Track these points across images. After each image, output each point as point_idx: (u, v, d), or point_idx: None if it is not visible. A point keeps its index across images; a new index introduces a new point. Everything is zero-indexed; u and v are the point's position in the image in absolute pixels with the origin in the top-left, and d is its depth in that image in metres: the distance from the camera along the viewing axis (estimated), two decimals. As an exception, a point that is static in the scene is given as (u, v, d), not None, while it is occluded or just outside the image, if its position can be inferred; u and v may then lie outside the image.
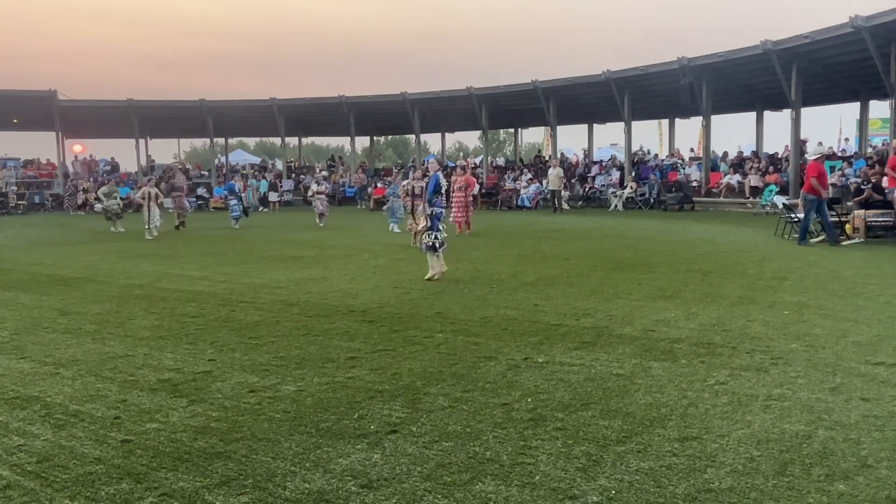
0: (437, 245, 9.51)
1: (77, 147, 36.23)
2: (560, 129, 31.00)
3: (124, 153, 40.31)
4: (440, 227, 9.63)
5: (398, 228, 17.35)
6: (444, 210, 10.01)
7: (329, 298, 8.37)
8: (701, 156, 27.15)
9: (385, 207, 19.39)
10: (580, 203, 27.87)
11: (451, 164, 36.84)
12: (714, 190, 25.11)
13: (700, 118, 26.22)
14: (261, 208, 30.37)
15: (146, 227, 17.53)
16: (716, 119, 26.17)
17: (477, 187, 18.23)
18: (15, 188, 32.17)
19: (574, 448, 3.76)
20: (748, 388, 4.69)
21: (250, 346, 6.11)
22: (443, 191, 9.82)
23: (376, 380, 5.06)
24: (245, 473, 3.54)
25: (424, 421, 4.22)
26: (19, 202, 31.28)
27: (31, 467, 3.67)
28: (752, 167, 24.47)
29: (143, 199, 17.81)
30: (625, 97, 26.88)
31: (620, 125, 28.29)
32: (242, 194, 22.03)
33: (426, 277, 9.50)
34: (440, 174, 9.89)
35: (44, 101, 32.08)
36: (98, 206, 20.22)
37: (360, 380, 5.07)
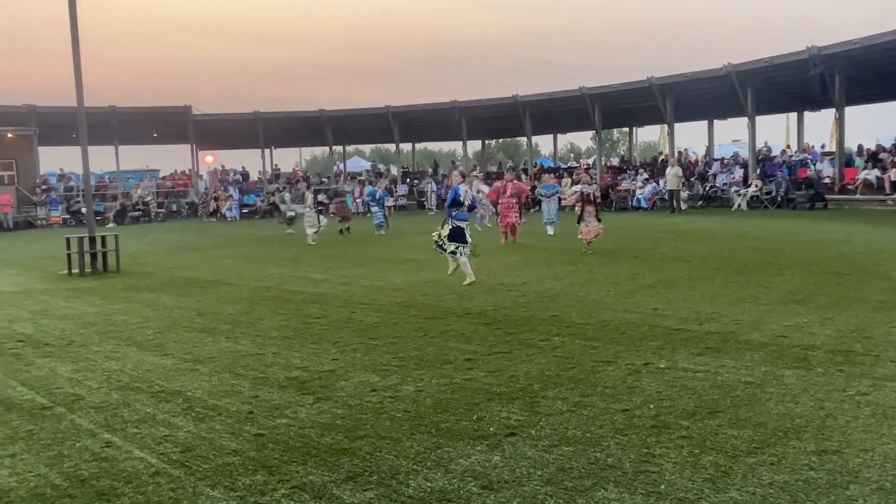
0: (447, 251, 9.64)
1: (209, 158, 38.72)
2: (678, 126, 29.89)
3: (251, 163, 42.75)
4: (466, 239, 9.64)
5: (552, 230, 16.75)
6: (465, 223, 9.79)
7: (445, 301, 8.49)
8: (834, 150, 25.39)
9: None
10: (700, 203, 26.75)
11: (562, 166, 36.50)
12: (849, 187, 23.39)
13: (832, 110, 24.54)
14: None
15: (315, 231, 17.99)
16: (850, 111, 24.40)
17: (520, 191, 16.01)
18: (155, 198, 34.84)
19: (701, 458, 3.62)
20: (894, 401, 4.34)
21: (371, 347, 6.30)
22: (464, 202, 9.72)
23: (493, 382, 5.08)
24: (370, 470, 3.66)
25: (543, 424, 4.20)
26: (158, 210, 33.82)
27: (175, 456, 3.96)
28: (892, 161, 22.61)
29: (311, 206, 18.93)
30: (748, 91, 25.56)
31: (743, 121, 26.94)
32: (388, 200, 22.47)
33: (464, 282, 9.46)
34: (460, 187, 9.85)
35: (180, 116, 34.49)
36: (290, 213, 21.93)
37: (478, 381, 5.11)
